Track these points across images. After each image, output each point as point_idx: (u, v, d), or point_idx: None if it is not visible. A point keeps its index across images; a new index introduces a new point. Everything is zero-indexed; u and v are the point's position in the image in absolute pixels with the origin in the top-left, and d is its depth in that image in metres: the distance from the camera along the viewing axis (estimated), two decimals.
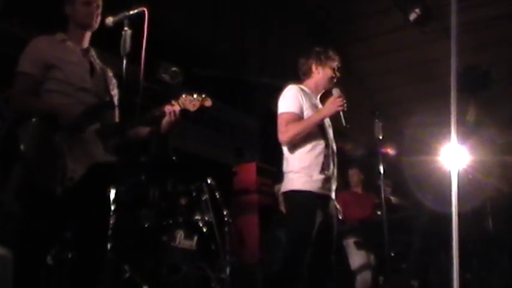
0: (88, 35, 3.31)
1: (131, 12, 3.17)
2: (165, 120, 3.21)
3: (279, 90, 4.02)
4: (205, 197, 4.91)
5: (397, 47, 7.89)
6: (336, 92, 3.88)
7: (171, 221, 4.59)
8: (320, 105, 4.03)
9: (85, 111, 3.06)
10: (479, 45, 7.17)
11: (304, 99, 3.89)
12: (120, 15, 3.18)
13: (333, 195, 3.92)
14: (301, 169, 3.79)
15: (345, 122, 3.77)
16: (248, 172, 6.61)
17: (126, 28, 3.14)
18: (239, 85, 7.40)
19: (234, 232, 5.25)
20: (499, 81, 7.48)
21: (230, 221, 5.16)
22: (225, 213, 5.10)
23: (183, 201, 4.84)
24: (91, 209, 3.00)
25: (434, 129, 7.40)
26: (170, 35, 6.06)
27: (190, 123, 6.66)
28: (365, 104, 8.57)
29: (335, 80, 4.03)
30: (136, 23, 3.16)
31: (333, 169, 3.89)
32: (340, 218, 4.20)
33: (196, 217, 4.76)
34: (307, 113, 3.86)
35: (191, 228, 4.67)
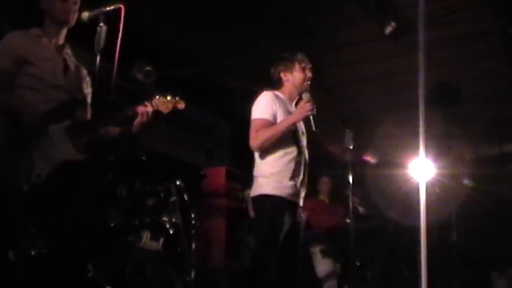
0: (64, 32, 3.27)
1: (107, 8, 3.12)
2: (137, 121, 3.21)
3: (252, 94, 4.02)
4: (173, 198, 4.90)
5: (367, 58, 7.97)
6: (305, 96, 3.89)
7: (137, 221, 4.56)
8: None
9: (51, 110, 3.04)
10: (451, 60, 7.29)
11: (277, 105, 3.89)
12: (96, 11, 3.13)
13: (301, 202, 3.93)
14: (272, 174, 3.80)
15: (315, 127, 3.79)
16: (218, 176, 6.61)
17: (101, 24, 3.09)
18: (212, 87, 7.38)
19: (200, 235, 5.24)
20: (469, 97, 7.61)
21: (197, 223, 5.15)
22: (192, 215, 5.09)
23: (150, 201, 4.82)
24: (57, 206, 2.94)
25: (403, 141, 7.50)
26: (146, 33, 6.02)
27: (161, 123, 6.62)
28: (334, 114, 8.65)
29: (308, 82, 4.02)
30: (112, 19, 3.12)
31: (303, 177, 3.91)
32: (305, 224, 4.23)
33: (163, 218, 4.73)
34: (280, 120, 3.86)
35: (158, 230, 4.65)
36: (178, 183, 5.04)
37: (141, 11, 5.08)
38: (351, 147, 4.69)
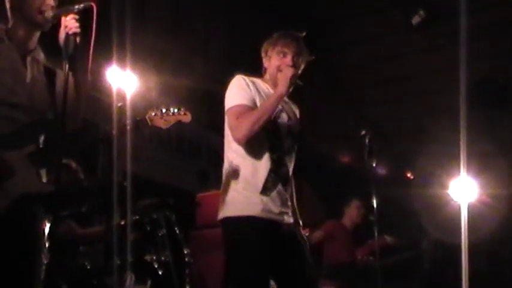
0: (37, 34, 3.20)
1: (77, 6, 3.05)
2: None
3: None
4: (162, 232, 4.90)
5: (395, 54, 8.02)
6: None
7: (118, 261, 4.57)
8: None
9: (6, 135, 2.99)
10: (493, 54, 7.32)
11: (253, 88, 3.78)
12: (63, 9, 3.09)
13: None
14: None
15: (300, 81, 3.73)
16: (214, 202, 6.59)
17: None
18: (204, 98, 7.44)
19: (195, 275, 5.25)
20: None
21: (191, 261, 5.16)
22: (185, 252, 5.10)
23: (134, 236, 4.82)
24: (17, 248, 2.95)
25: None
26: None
27: (145, 141, 6.66)
28: (351, 119, 8.70)
29: (285, 69, 3.78)
30: (82, 19, 3.06)
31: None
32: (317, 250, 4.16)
33: (151, 256, 4.74)
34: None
35: (144, 270, 4.66)
36: (167, 213, 5.05)
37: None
38: (374, 164, 4.66)
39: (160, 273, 4.70)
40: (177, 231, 5.10)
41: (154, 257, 4.76)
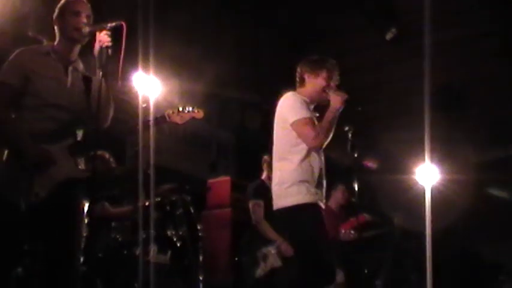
0: (77, 48, 3.23)
1: (109, 24, 3.06)
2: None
3: (252, 104, 4.04)
4: (179, 211, 4.93)
5: (371, 64, 8.02)
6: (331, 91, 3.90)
7: (144, 235, 4.59)
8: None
9: (52, 131, 3.05)
10: (452, 64, 7.34)
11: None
12: (97, 26, 3.10)
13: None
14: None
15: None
16: (222, 187, 6.63)
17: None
18: (214, 98, 7.45)
19: (207, 248, 5.27)
20: (473, 100, 7.66)
21: (204, 236, 5.18)
22: (198, 228, 5.12)
23: (156, 215, 4.85)
24: (60, 223, 2.99)
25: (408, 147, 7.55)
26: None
27: (165, 136, 6.68)
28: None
29: (329, 91, 3.93)
30: (113, 34, 3.06)
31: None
32: None
33: (170, 232, 4.77)
34: None
35: (165, 243, 4.68)
36: (184, 196, 5.07)
37: None
38: (356, 155, 4.69)
39: (178, 245, 4.73)
40: (192, 211, 5.12)
41: (173, 232, 4.78)
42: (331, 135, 3.80)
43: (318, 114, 3.99)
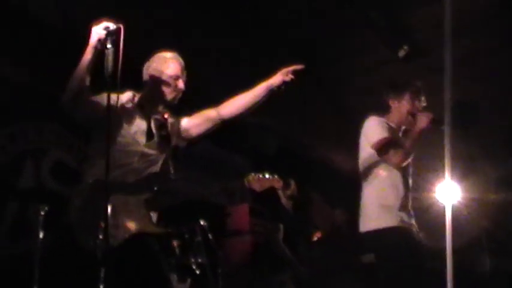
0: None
1: (108, 26, 2.91)
2: None
3: (268, 128, 4.05)
4: (198, 238, 4.94)
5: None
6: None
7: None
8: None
9: (133, 182, 3.09)
10: (467, 79, 7.32)
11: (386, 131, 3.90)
12: None
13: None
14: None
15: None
16: (241, 213, 6.64)
17: (109, 46, 2.86)
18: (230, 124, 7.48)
19: (226, 273, 5.27)
20: (489, 115, 7.61)
21: (223, 262, 5.18)
22: (218, 254, 5.13)
23: (175, 243, 4.87)
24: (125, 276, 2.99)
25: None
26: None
27: (179, 163, 6.72)
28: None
29: (416, 114, 3.97)
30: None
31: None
32: None
33: (190, 259, 4.78)
34: None
35: (184, 271, 4.69)
36: (202, 223, 5.09)
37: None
38: None
39: (198, 273, 4.74)
40: (210, 238, 5.13)
41: (192, 260, 4.79)
42: (412, 156, 3.83)
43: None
